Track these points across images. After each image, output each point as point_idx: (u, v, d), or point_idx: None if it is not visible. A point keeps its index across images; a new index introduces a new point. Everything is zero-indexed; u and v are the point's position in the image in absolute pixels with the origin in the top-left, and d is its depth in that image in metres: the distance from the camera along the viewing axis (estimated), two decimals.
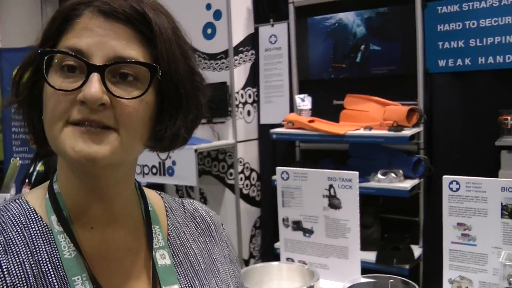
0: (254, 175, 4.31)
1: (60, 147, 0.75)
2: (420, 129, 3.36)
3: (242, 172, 4.21)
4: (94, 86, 0.72)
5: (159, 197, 0.99)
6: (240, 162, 4.19)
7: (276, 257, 3.47)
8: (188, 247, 0.93)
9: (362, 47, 3.64)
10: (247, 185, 4.25)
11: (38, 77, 0.80)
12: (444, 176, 1.78)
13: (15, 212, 0.82)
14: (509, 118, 3.11)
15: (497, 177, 2.93)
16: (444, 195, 1.78)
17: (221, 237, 1.01)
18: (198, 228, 0.98)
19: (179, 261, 0.90)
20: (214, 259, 0.96)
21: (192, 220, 0.98)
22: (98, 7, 0.76)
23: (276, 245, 3.64)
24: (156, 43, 0.78)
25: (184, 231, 0.95)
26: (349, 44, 3.70)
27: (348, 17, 3.68)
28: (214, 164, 4.32)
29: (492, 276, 1.72)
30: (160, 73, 0.78)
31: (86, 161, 0.73)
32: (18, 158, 3.42)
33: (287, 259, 2.12)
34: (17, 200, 0.85)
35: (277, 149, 4.18)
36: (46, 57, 0.76)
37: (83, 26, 0.76)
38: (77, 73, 0.75)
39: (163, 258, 0.87)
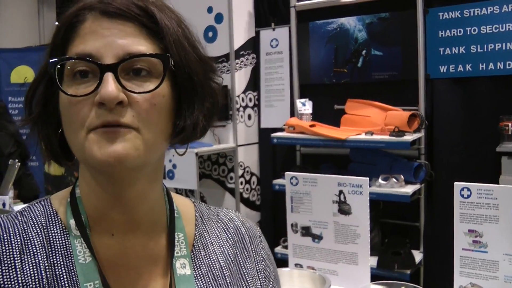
0: (254, 179, 4.30)
1: (87, 154, 0.74)
2: (421, 134, 3.38)
3: (242, 176, 4.21)
4: (110, 85, 0.72)
5: (192, 205, 0.96)
6: (241, 166, 4.19)
7: (276, 261, 3.47)
8: (213, 259, 0.89)
9: (364, 52, 3.65)
10: (247, 189, 4.25)
11: (51, 91, 0.79)
12: (455, 183, 1.78)
13: (37, 213, 0.82)
14: (509, 124, 3.12)
15: (497, 183, 2.95)
16: (455, 201, 1.79)
17: (257, 250, 0.96)
18: (229, 239, 0.94)
19: (200, 273, 0.86)
20: (244, 272, 0.91)
21: (225, 231, 0.94)
22: (100, 9, 0.76)
23: (276, 249, 3.64)
24: (163, 35, 0.77)
25: (212, 242, 0.91)
26: (350, 49, 3.71)
27: (350, 22, 3.69)
28: (215, 167, 4.32)
29: (503, 283, 1.72)
30: (172, 63, 0.77)
31: (114, 160, 0.72)
32: (16, 160, 3.40)
33: (296, 265, 2.11)
34: (42, 202, 0.85)
35: (277, 154, 4.18)
36: (57, 67, 0.75)
37: (88, 31, 0.75)
38: (90, 78, 0.74)
39: (183, 268, 0.85)
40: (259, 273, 0.94)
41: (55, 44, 0.79)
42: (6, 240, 0.77)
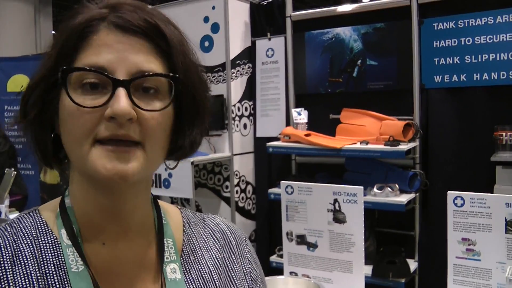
0: (249, 188, 4.30)
1: (89, 166, 0.75)
2: (416, 143, 3.39)
3: (237, 185, 4.21)
4: (123, 101, 0.73)
5: (178, 211, 0.98)
6: (236, 175, 4.19)
7: (271, 270, 3.47)
8: (202, 264, 0.91)
9: (359, 62, 3.67)
10: (242, 198, 4.25)
11: (51, 97, 0.79)
12: (449, 192, 1.80)
13: (27, 224, 0.83)
14: (504, 134, 3.14)
15: (492, 192, 2.96)
16: (448, 210, 1.80)
17: (243, 253, 0.98)
18: (216, 243, 0.96)
19: (191, 277, 0.88)
20: (232, 275, 0.93)
21: (211, 235, 0.96)
22: (114, 22, 0.77)
23: (272, 258, 3.65)
24: (172, 54, 0.79)
25: (200, 247, 0.93)
26: (345, 58, 3.72)
27: (345, 32, 3.71)
28: (210, 176, 4.31)
29: None
30: (181, 84, 0.79)
31: (119, 178, 0.74)
32: (12, 169, 3.39)
33: (291, 273, 2.12)
34: (31, 213, 0.86)
35: (273, 163, 4.19)
36: (67, 75, 0.75)
37: (101, 43, 0.76)
38: (99, 90, 0.75)
39: (173, 273, 0.86)
40: (246, 275, 0.96)
41: (63, 51, 0.78)
42: None
